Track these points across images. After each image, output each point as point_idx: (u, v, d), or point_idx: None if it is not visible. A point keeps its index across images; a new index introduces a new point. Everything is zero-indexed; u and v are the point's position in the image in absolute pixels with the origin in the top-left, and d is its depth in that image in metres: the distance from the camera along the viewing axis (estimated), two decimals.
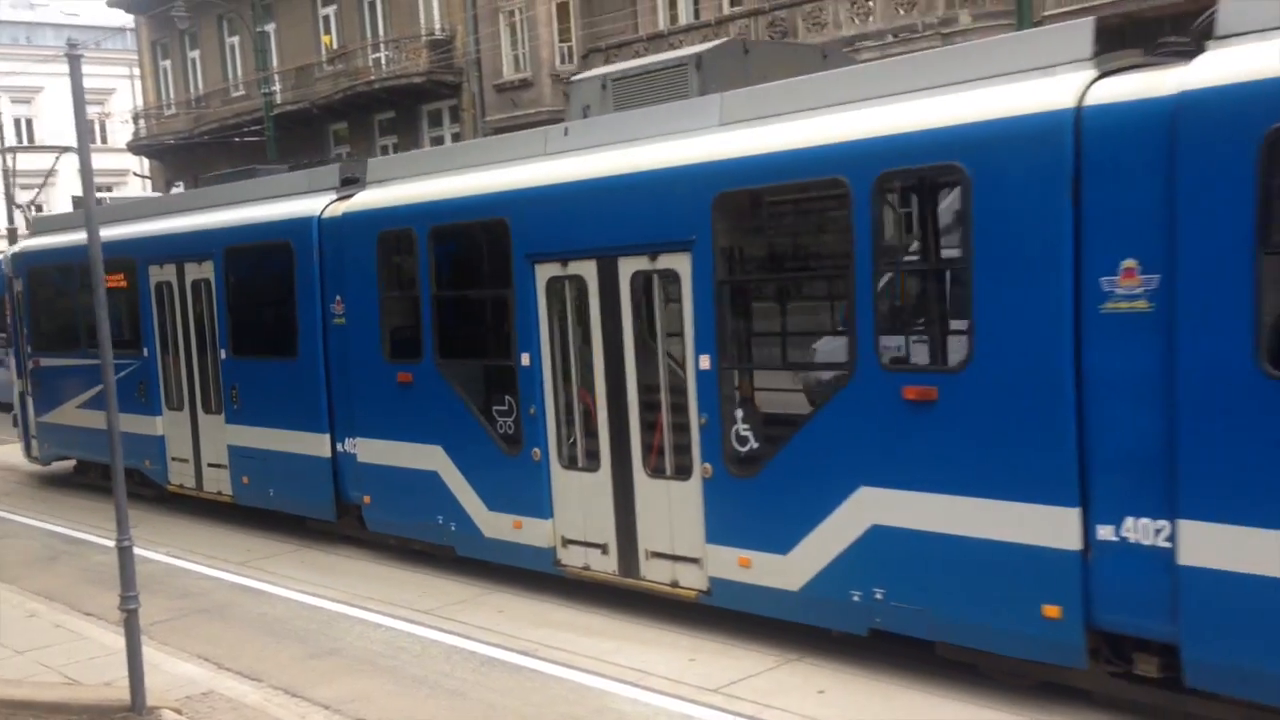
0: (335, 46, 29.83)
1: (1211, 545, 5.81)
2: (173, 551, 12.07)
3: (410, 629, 9.04)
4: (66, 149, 21.54)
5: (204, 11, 31.74)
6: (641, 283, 8.60)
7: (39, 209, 19.61)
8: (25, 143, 48.38)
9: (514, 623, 9.03)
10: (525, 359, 9.28)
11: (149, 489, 14.49)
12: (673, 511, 8.45)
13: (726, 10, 22.56)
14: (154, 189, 37.10)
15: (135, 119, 38.40)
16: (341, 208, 11.27)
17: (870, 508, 7.22)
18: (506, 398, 9.59)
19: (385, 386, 10.66)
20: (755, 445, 7.96)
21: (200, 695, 7.62)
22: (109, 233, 13.34)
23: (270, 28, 30.67)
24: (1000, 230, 6.50)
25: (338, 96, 28.37)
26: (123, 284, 14.28)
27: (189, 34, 34.11)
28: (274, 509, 12.71)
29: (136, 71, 40.13)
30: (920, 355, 7.63)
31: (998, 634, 6.76)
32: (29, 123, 53.35)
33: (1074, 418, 6.28)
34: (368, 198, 10.92)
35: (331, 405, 11.66)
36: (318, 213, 11.68)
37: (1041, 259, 6.33)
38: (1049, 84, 6.41)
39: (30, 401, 17.00)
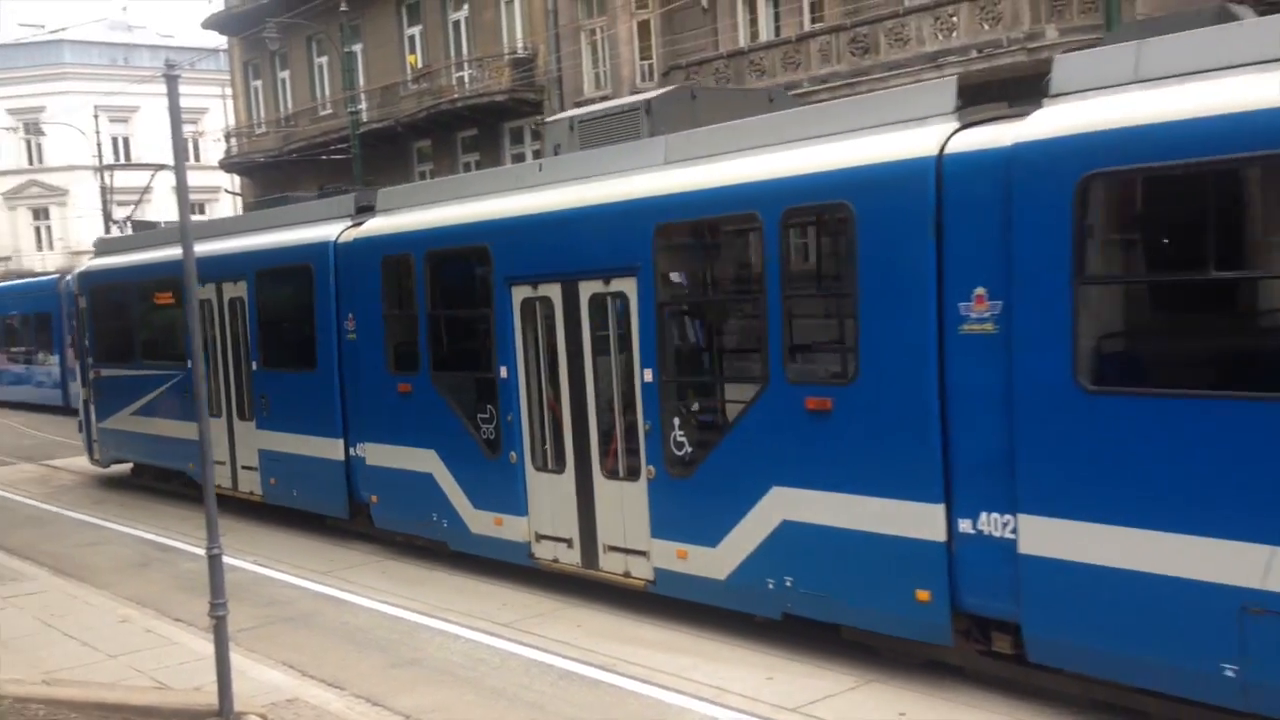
0: (420, 66, 30.34)
1: (1044, 537, 6.73)
2: (259, 560, 12.32)
3: (490, 641, 9.12)
4: (162, 166, 22.17)
5: (294, 33, 32.49)
6: (598, 304, 9.58)
7: (135, 225, 20.42)
8: (122, 160, 49.93)
9: (592, 637, 9.07)
10: (504, 372, 10.39)
11: (194, 489, 15.43)
12: (625, 509, 9.45)
13: (808, 26, 22.51)
14: (244, 206, 38.04)
15: (227, 137, 39.39)
16: (353, 234, 12.43)
17: (780, 505, 8.23)
18: (488, 406, 10.67)
19: (389, 396, 11.81)
20: (689, 449, 8.98)
21: (285, 702, 7.76)
22: (162, 254, 15.76)
23: (358, 48, 31.28)
24: (879, 261, 7.48)
25: (421, 115, 28.83)
26: (171, 302, 15.81)
27: (279, 55, 34.92)
28: (297, 508, 13.82)
29: (229, 91, 41.18)
30: (819, 370, 8.53)
31: (884, 617, 7.71)
32: (126, 141, 55.07)
33: (939, 425, 7.23)
34: (375, 225, 12.11)
35: (345, 413, 12.76)
36: (334, 238, 12.83)
37: (912, 286, 7.26)
38: (919, 134, 7.39)
39: (92, 409, 18.28)
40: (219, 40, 40.80)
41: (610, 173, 9.60)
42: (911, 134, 7.43)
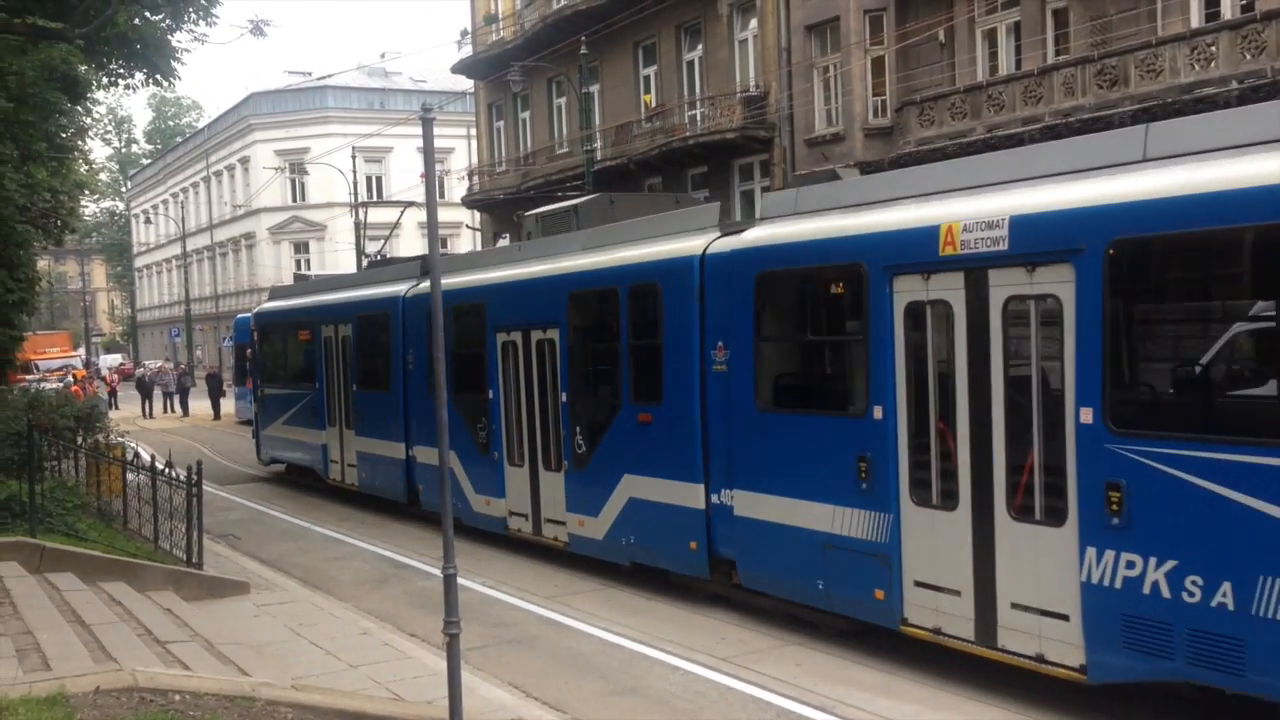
0: (654, 105, 30.98)
1: (744, 503, 10.44)
2: (488, 582, 12.74)
3: (708, 674, 9.13)
4: (411, 204, 23.43)
5: (536, 75, 33.78)
6: (540, 347, 13.53)
7: (384, 258, 21.88)
8: (375, 198, 52.99)
9: (812, 677, 8.95)
10: (491, 393, 14.46)
11: (320, 482, 20.09)
12: (554, 492, 13.34)
13: (1051, 59, 21.78)
14: (483, 242, 39.65)
15: (470, 175, 41.23)
16: (415, 289, 16.85)
17: (628, 487, 12.03)
18: (483, 418, 14.64)
19: (427, 411, 15.67)
20: (584, 449, 12.75)
21: None
22: (304, 301, 21.53)
23: (595, 89, 32.25)
24: (673, 322, 11.24)
25: (654, 153, 29.40)
26: (308, 337, 20.53)
27: (521, 96, 36.36)
28: (373, 494, 18.15)
29: (473, 132, 43.09)
30: (645, 395, 11.81)
31: (677, 561, 11.49)
32: (378, 180, 58.43)
33: (700, 432, 10.98)
34: (425, 286, 16.02)
35: (408, 424, 16.93)
36: (402, 293, 17.04)
37: (688, 339, 11.04)
38: (695, 241, 11.17)
39: (259, 420, 23.17)
40: (466, 84, 42.80)
41: (549, 256, 13.70)
42: (691, 240, 11.21)
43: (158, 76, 15.23)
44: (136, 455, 16.77)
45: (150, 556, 12.71)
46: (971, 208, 8.29)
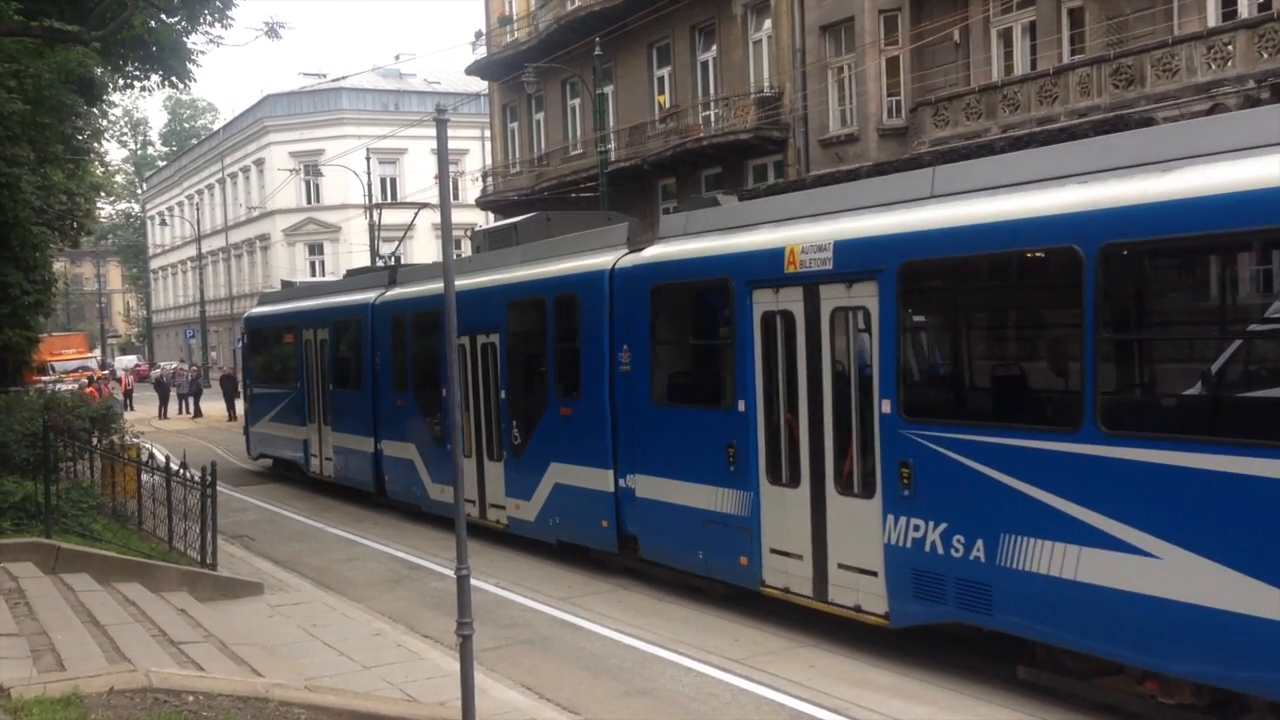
0: (669, 106, 30.97)
1: (643, 486, 11.93)
2: (500, 583, 12.74)
3: (721, 676, 9.11)
4: (425, 205, 23.48)
5: (550, 76, 33.80)
6: (486, 349, 14.99)
7: (398, 260, 22.02)
8: (389, 199, 53.12)
9: (825, 679, 8.92)
10: (444, 391, 15.41)
11: (302, 475, 21.64)
12: (496, 479, 14.92)
13: (1067, 59, 21.69)
14: None
15: (484, 177, 41.29)
16: (382, 297, 18.48)
17: (555, 474, 13.50)
18: (440, 415, 16.03)
19: (392, 408, 17.83)
20: (520, 440, 14.26)
21: None
22: (287, 307, 23.16)
23: (609, 90, 32.26)
24: (588, 328, 12.74)
25: (668, 153, 29.39)
26: (290, 341, 22.08)
27: (535, 98, 36.39)
28: (347, 485, 19.58)
29: (487, 133, 43.15)
30: (567, 392, 13.30)
31: (592, 538, 13.01)
32: (393, 182, 58.61)
33: (610, 424, 12.45)
34: (392, 294, 18.28)
35: (376, 420, 18.34)
36: (372, 300, 18.65)
37: (601, 343, 12.52)
38: (607, 256, 12.69)
39: (248, 418, 24.97)
40: (480, 86, 42.87)
41: (493, 268, 15.24)
42: (605, 256, 12.73)
43: (173, 79, 15.32)
44: (151, 456, 16.82)
45: (164, 557, 12.75)
46: (808, 233, 9.87)
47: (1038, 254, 8.18)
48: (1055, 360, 8.44)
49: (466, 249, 52.98)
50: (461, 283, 15.12)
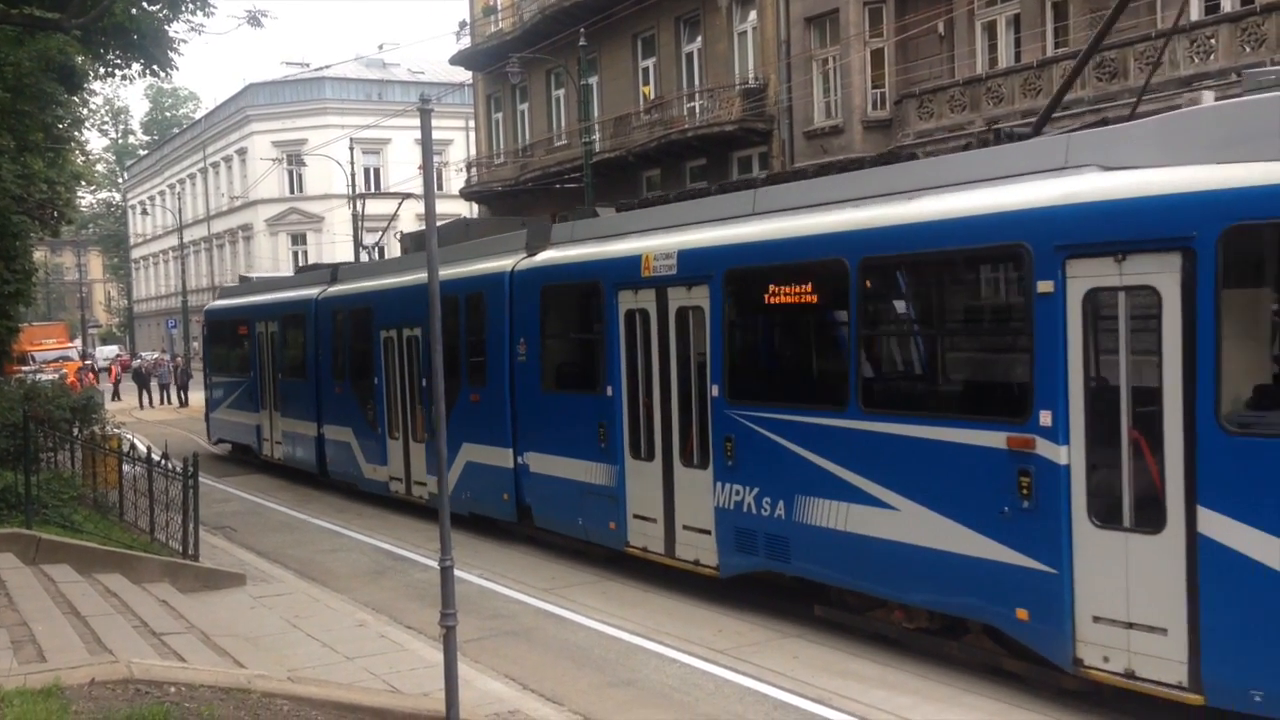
0: (653, 97, 30.92)
1: (534, 462, 13.54)
2: (484, 574, 12.74)
3: (705, 667, 9.13)
4: (409, 195, 23.41)
5: (535, 67, 33.72)
6: (411, 341, 16.41)
7: (382, 251, 22.10)
8: (373, 189, 52.91)
9: (809, 669, 8.95)
10: (376, 380, 17.48)
11: (255, 458, 23.09)
12: (419, 459, 16.45)
13: (1051, 51, 21.74)
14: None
15: (468, 167, 41.16)
16: (324, 293, 20.13)
17: (466, 453, 14.95)
18: (371, 401, 17.70)
19: (332, 395, 19.49)
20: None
21: (507, 713, 7.99)
22: (242, 301, 24.82)
23: (594, 80, 32.19)
24: (492, 323, 14.28)
25: (652, 145, 29.35)
26: (244, 333, 23.56)
27: (520, 88, 36.30)
28: (293, 466, 21.14)
29: (472, 124, 43.02)
30: (476, 379, 14.83)
31: (495, 510, 14.57)
32: (376, 172, 58.35)
33: (510, 409, 13.95)
34: (332, 290, 19.90)
35: (319, 407, 19.86)
36: (315, 296, 20.28)
37: (502, 337, 14.02)
38: (508, 260, 14.20)
39: (208, 404, 26.65)
40: (464, 76, 42.73)
41: (417, 269, 15.97)
42: (508, 259, 14.24)
43: (155, 67, 15.20)
44: (133, 447, 16.75)
45: (146, 548, 12.70)
46: (660, 243, 11.50)
47: (819, 264, 9.65)
48: (831, 351, 10.03)
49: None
50: (389, 281, 17.56)
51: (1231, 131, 7.03)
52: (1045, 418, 7.65)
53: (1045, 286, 7.66)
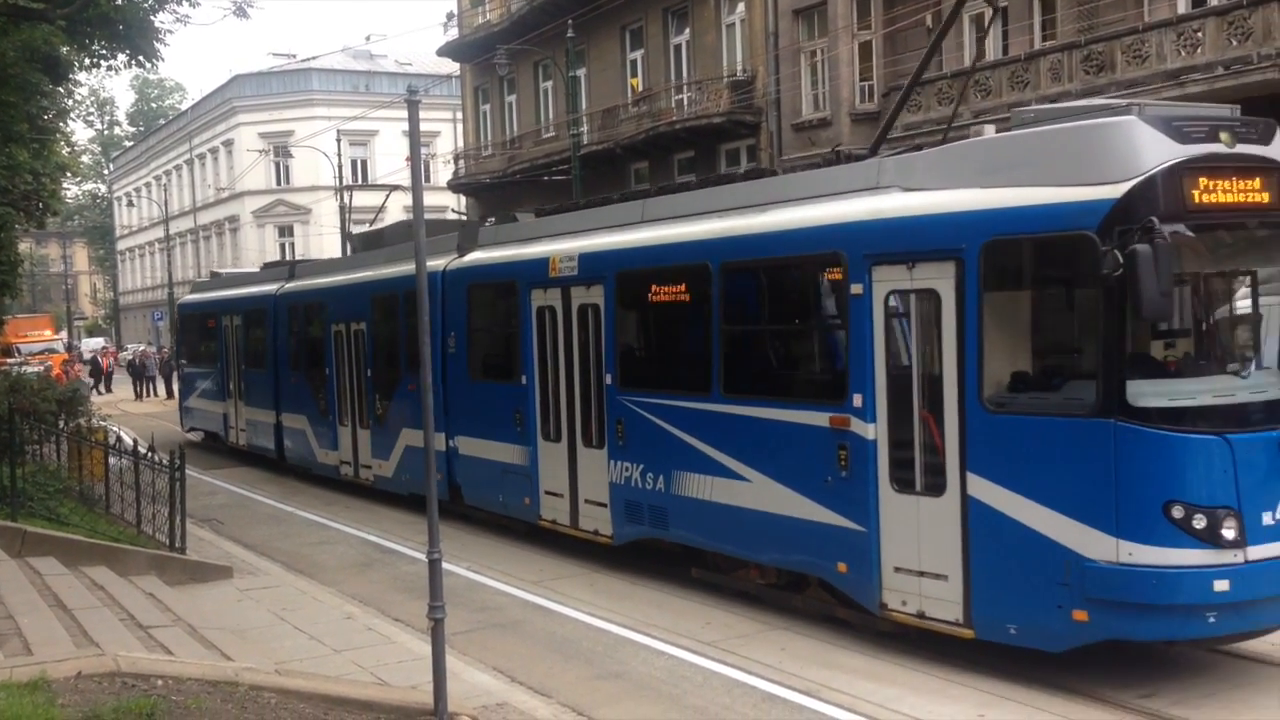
0: (641, 89, 30.87)
1: (463, 445, 14.76)
2: (473, 567, 12.72)
3: (693, 659, 9.14)
4: (396, 187, 23.33)
5: (523, 59, 33.63)
6: (358, 335, 17.73)
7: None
8: (360, 181, 52.69)
9: (796, 661, 8.97)
10: (328, 370, 18.72)
11: (223, 445, 24.26)
12: (365, 444, 17.63)
13: (1038, 44, 21.77)
14: None
15: (456, 159, 41.04)
16: (282, 289, 21.24)
17: (406, 438, 16.11)
18: (323, 390, 18.95)
19: (289, 385, 20.59)
20: (381, 411, 17.07)
21: (495, 706, 7.99)
22: (211, 295, 26.25)
23: (581, 72, 32.12)
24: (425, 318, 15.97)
25: (640, 137, 29.32)
26: (213, 326, 24.72)
27: (508, 80, 36.18)
28: (255, 451, 22.32)
29: (459, 116, 42.87)
30: (413, 371, 15.17)
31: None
32: (364, 164, 58.12)
33: (442, 396, 14.74)
34: (289, 286, 21.09)
35: (277, 396, 21.06)
36: (274, 292, 21.42)
37: (431, 330, 12.62)
38: (441, 259, 14.92)
39: (181, 394, 28.35)
40: (452, 67, 42.58)
41: (365, 267, 18.03)
42: (441, 259, 14.93)
43: (140, 58, 15.07)
44: (119, 439, 16.69)
45: (133, 541, 12.66)
46: (565, 247, 12.80)
47: (689, 268, 10.95)
48: (699, 344, 10.92)
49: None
50: (341, 278, 18.78)
51: (995, 161, 8.37)
52: (857, 400, 8.98)
53: (856, 289, 8.98)
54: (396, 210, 47.57)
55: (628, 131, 30.12)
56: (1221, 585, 7.43)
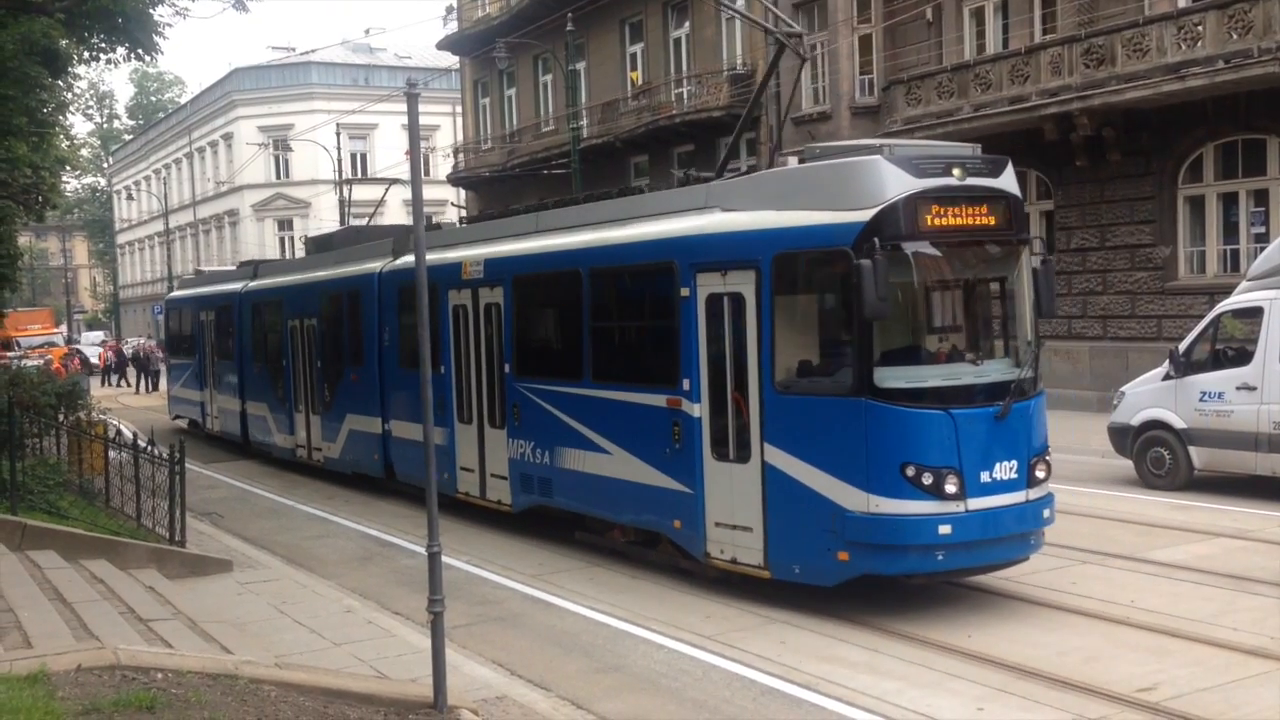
0: (641, 82, 30.84)
1: (395, 428, 16.63)
2: (472, 560, 12.72)
3: (692, 652, 9.14)
4: (395, 181, 23.34)
5: (522, 52, 33.59)
6: (310, 329, 19.45)
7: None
8: (360, 175, 52.66)
9: (796, 654, 8.97)
10: (285, 362, 20.44)
11: (201, 432, 25.91)
12: (316, 428, 19.26)
13: (1039, 38, 21.75)
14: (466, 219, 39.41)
15: (455, 153, 41.00)
16: (246, 287, 23.11)
17: (349, 422, 17.98)
18: (281, 380, 20.57)
19: (253, 375, 22.43)
20: (329, 398, 18.72)
21: (495, 699, 7.99)
22: (193, 292, 28.35)
23: (581, 66, 32.08)
24: (366, 314, 17.21)
25: (640, 130, 29.30)
26: (192, 320, 26.78)
27: (507, 73, 36.18)
28: (224, 437, 24.21)
29: (459, 109, 42.81)
30: (355, 362, 17.78)
31: (370, 468, 17.52)
32: (363, 157, 58.05)
33: (379, 384, 16.90)
34: (253, 284, 22.82)
35: (242, 386, 22.83)
36: (240, 290, 23.18)
37: (372, 325, 16.98)
38: (379, 262, 17.19)
39: (169, 384, 30.35)
40: (451, 61, 42.53)
41: (317, 268, 19.87)
42: (379, 262, 17.13)
43: (139, 51, 15.08)
44: (119, 433, 16.69)
45: (133, 534, 12.66)
46: (475, 253, 14.48)
47: (565, 273, 12.64)
48: (575, 337, 12.61)
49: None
50: (296, 278, 20.59)
51: (787, 188, 10.07)
52: (686, 384, 10.70)
53: (685, 292, 10.70)
54: (396, 203, 47.75)
55: (627, 125, 30.11)
56: (945, 529, 9.21)
